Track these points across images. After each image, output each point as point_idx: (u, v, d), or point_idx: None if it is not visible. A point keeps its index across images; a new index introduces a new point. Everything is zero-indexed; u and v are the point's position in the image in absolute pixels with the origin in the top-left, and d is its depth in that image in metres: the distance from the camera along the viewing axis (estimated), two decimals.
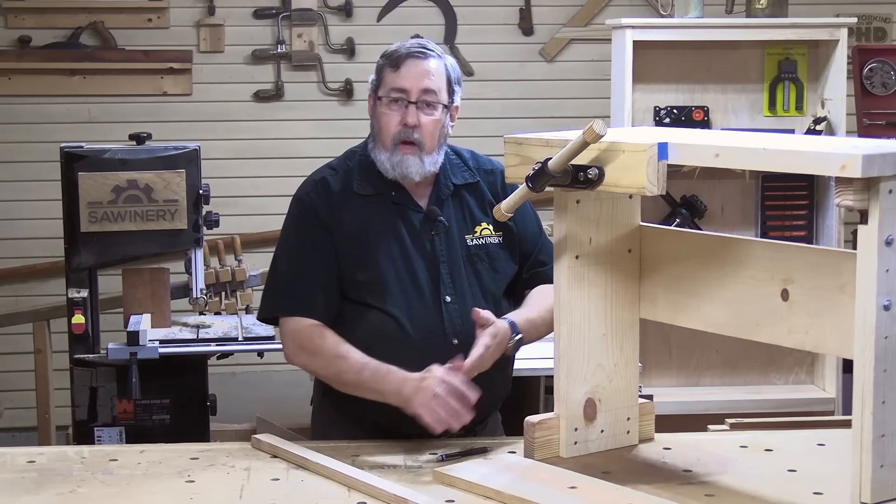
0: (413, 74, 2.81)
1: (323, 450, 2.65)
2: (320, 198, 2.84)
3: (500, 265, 2.91)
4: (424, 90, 2.81)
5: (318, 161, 2.99)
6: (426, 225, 2.85)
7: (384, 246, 2.80)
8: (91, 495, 2.43)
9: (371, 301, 2.79)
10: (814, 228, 4.50)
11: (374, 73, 2.89)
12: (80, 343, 4.04)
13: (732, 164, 2.33)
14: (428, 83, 2.82)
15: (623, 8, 5.83)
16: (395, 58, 2.83)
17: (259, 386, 5.67)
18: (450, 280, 2.82)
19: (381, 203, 2.84)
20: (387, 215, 2.84)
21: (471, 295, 2.83)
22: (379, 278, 2.79)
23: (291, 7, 5.80)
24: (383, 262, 2.80)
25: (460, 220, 2.88)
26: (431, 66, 2.83)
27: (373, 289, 2.79)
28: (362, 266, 2.80)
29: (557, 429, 2.61)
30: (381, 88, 2.85)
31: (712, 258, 2.50)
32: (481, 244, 2.89)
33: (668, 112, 4.42)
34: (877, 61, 5.00)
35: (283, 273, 2.86)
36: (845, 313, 2.17)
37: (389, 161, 2.82)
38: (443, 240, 2.85)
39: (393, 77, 2.82)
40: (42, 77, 5.66)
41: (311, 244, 2.82)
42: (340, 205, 2.83)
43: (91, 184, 4.02)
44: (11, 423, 5.58)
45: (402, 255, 2.81)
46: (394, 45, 2.89)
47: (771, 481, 2.46)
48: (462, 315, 2.80)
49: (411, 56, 2.82)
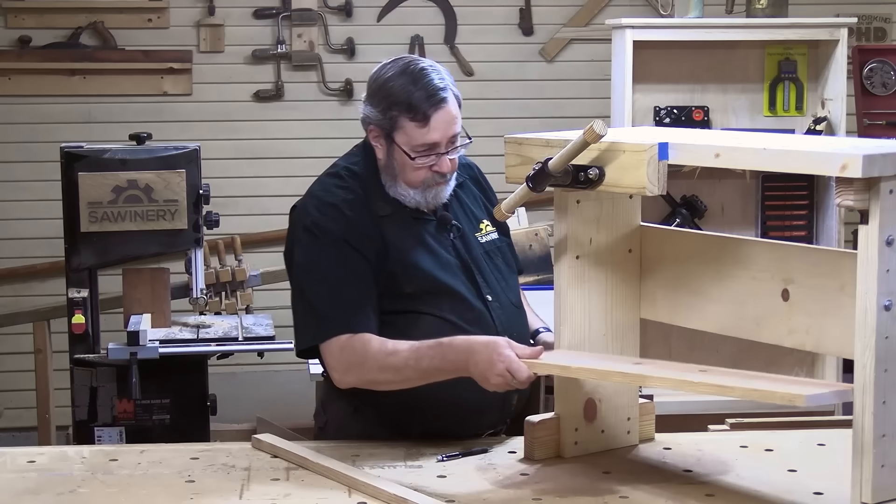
0: (441, 126, 2.68)
1: (323, 450, 2.65)
2: (343, 223, 2.71)
3: (509, 258, 2.93)
4: (452, 138, 2.71)
5: (318, 161, 2.97)
6: (442, 231, 2.81)
7: (421, 258, 2.74)
8: (91, 495, 2.43)
9: (423, 309, 2.72)
10: (814, 228, 4.50)
11: (379, 112, 2.71)
12: (80, 343, 4.04)
13: (732, 164, 2.33)
14: (454, 128, 2.70)
15: (623, 8, 5.83)
16: (419, 110, 2.66)
17: (259, 386, 5.67)
18: (483, 280, 2.80)
19: (400, 219, 2.76)
20: (412, 229, 2.77)
21: (501, 290, 2.83)
22: (428, 287, 2.73)
23: (291, 7, 5.79)
24: (426, 273, 2.73)
25: (466, 220, 2.86)
26: (453, 107, 2.70)
27: (423, 298, 2.73)
28: (407, 279, 2.72)
29: (557, 429, 2.61)
30: (400, 137, 2.69)
31: (712, 258, 2.50)
32: (490, 240, 2.88)
33: (668, 112, 4.42)
34: (877, 61, 5.00)
35: (319, 299, 2.70)
36: (846, 313, 2.17)
37: (421, 196, 2.74)
38: (462, 243, 2.82)
39: (421, 133, 2.67)
40: (42, 77, 5.65)
41: (341, 267, 2.69)
42: (368, 226, 2.72)
43: (91, 184, 4.02)
44: (11, 423, 5.57)
45: (437, 263, 2.76)
46: (396, 80, 2.68)
47: (771, 481, 2.46)
48: (504, 311, 2.80)
49: (435, 106, 2.66)
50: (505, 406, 2.78)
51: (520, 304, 2.89)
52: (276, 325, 4.32)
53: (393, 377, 2.63)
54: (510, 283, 2.88)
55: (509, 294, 2.85)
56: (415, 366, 2.59)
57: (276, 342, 4.16)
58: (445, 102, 2.68)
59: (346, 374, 2.67)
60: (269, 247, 5.75)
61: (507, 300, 2.82)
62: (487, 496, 2.41)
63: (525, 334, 2.85)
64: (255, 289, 4.57)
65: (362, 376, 2.65)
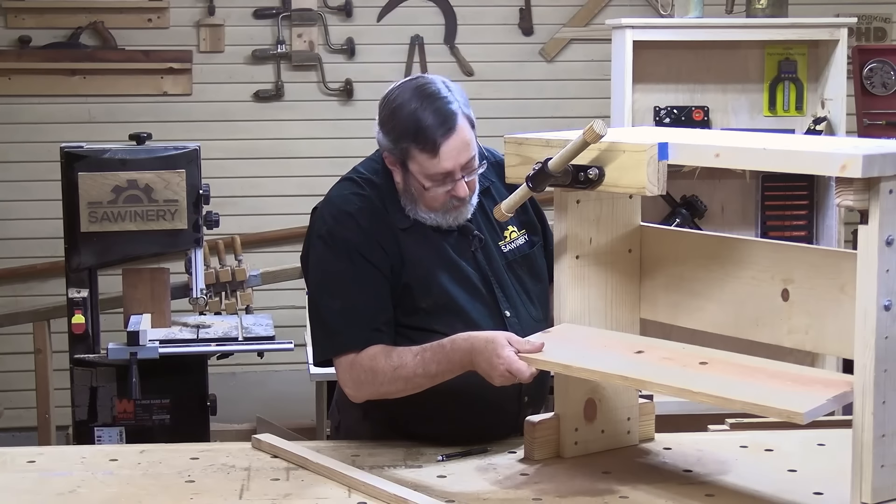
0: (453, 154, 2.61)
1: (323, 450, 2.65)
2: (360, 234, 2.67)
3: (537, 266, 2.84)
4: (466, 163, 2.65)
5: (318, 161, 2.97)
6: (463, 243, 2.75)
7: (439, 272, 2.71)
8: (91, 495, 2.43)
9: (438, 327, 2.66)
10: (814, 228, 4.49)
11: (390, 142, 2.65)
12: (80, 343, 4.04)
13: (732, 164, 2.33)
14: (467, 154, 2.63)
15: (623, 8, 5.83)
16: (428, 140, 2.60)
17: (259, 386, 5.67)
18: (502, 294, 2.75)
19: (420, 232, 2.72)
20: (430, 242, 2.72)
21: (521, 303, 2.78)
22: (443, 303, 2.70)
23: (291, 7, 5.79)
24: (443, 288, 2.70)
25: (489, 228, 2.79)
26: (464, 132, 2.62)
27: (439, 313, 2.69)
28: (424, 293, 2.69)
29: (557, 429, 2.61)
30: (413, 166, 2.63)
31: (712, 258, 2.50)
32: (514, 248, 2.81)
33: (668, 112, 4.42)
34: (877, 61, 5.00)
35: (330, 314, 2.67)
36: (845, 313, 2.17)
37: (442, 219, 2.70)
38: (482, 254, 2.77)
39: (433, 163, 2.61)
40: (42, 77, 5.66)
41: (353, 280, 2.66)
42: (386, 238, 2.68)
43: (91, 184, 4.02)
44: (11, 423, 5.58)
45: (456, 277, 2.72)
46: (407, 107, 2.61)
47: (771, 481, 2.46)
48: (521, 325, 2.73)
49: (445, 135, 2.59)
50: (519, 421, 2.72)
51: (541, 318, 2.80)
52: (276, 325, 4.33)
53: (404, 386, 2.62)
54: (533, 296, 2.81)
55: (530, 308, 2.79)
56: (423, 373, 2.58)
57: (276, 342, 4.17)
58: (454, 129, 2.60)
59: (358, 391, 2.67)
60: (268, 247, 5.75)
61: (526, 315, 2.77)
62: (487, 496, 2.41)
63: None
64: (255, 289, 4.56)
65: (375, 390, 2.65)
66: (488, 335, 2.53)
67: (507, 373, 2.45)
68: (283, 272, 5.01)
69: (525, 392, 2.74)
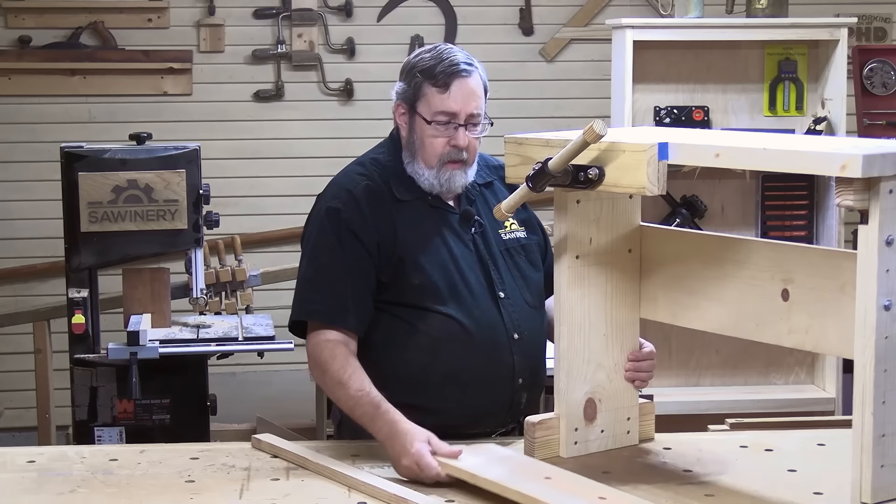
0: (461, 96, 2.75)
1: (323, 450, 2.65)
2: (352, 209, 2.75)
3: (535, 257, 2.91)
4: (472, 113, 2.78)
5: (318, 161, 2.99)
6: (464, 225, 2.83)
7: (434, 249, 2.77)
8: (91, 495, 2.43)
9: (430, 304, 2.74)
10: (814, 228, 4.49)
11: (406, 83, 2.80)
12: (80, 343, 4.04)
13: (732, 164, 2.33)
14: (475, 105, 2.78)
15: (623, 8, 5.83)
16: (441, 77, 2.74)
17: (259, 386, 5.67)
18: (498, 276, 2.81)
19: (420, 207, 2.80)
20: (429, 219, 2.80)
21: (516, 288, 2.83)
22: (435, 281, 2.74)
23: (291, 7, 5.79)
24: (437, 265, 2.76)
25: (490, 218, 2.85)
26: (475, 85, 2.78)
27: (430, 291, 2.74)
28: (416, 270, 2.74)
29: (557, 429, 2.61)
30: (422, 106, 2.76)
31: (712, 258, 2.50)
32: (513, 238, 2.88)
33: (668, 112, 4.42)
34: (877, 61, 5.00)
35: (314, 282, 2.76)
36: (845, 313, 2.17)
37: (436, 178, 2.78)
38: (481, 238, 2.84)
39: (440, 99, 2.75)
40: (42, 77, 5.66)
41: (344, 256, 2.73)
42: (381, 213, 2.76)
43: (91, 184, 4.02)
44: (11, 423, 5.58)
45: (451, 256, 2.78)
46: (425, 55, 2.79)
47: (771, 481, 2.46)
48: (516, 309, 2.80)
49: (457, 75, 2.75)
50: (513, 404, 2.79)
51: (536, 305, 2.87)
52: (276, 325, 4.32)
53: (336, 400, 2.74)
54: (529, 283, 2.87)
55: (525, 293, 2.84)
56: (350, 409, 2.67)
57: (276, 342, 4.16)
58: (468, 76, 2.76)
59: (312, 370, 2.75)
60: (269, 247, 5.75)
61: (520, 298, 2.82)
62: (487, 496, 2.41)
63: (537, 334, 2.85)
64: (255, 289, 4.56)
65: (319, 382, 2.75)
66: (409, 429, 2.55)
67: (414, 465, 2.49)
68: (283, 272, 5.01)
69: (519, 374, 2.78)
